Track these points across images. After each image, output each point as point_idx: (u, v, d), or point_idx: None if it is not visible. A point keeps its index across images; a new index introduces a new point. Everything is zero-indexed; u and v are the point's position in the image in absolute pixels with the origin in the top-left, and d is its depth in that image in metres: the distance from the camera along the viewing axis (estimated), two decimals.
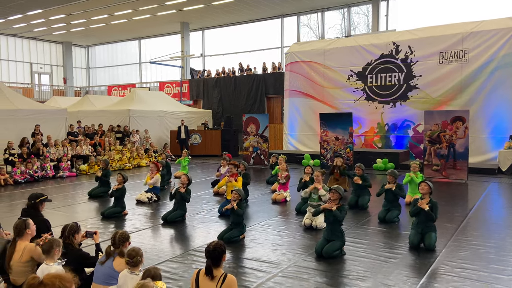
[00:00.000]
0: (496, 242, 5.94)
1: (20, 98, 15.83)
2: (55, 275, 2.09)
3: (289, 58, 17.87)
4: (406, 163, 12.88)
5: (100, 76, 32.33)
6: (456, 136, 11.57)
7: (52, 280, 2.05)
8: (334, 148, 13.68)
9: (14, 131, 13.76)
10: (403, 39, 15.29)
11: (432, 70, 14.64)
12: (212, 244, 3.52)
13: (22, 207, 5.69)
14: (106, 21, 23.89)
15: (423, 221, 5.75)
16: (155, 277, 3.32)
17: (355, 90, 16.26)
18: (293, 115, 17.76)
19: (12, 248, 4.18)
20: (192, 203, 8.74)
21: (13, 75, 27.86)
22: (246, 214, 7.75)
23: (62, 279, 2.07)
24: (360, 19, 21.31)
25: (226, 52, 24.94)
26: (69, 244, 4.25)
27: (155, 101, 20.27)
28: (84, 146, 14.91)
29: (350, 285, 4.57)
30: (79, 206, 8.87)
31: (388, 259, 5.34)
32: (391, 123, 15.63)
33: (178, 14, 22.54)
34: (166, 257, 5.52)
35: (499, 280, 4.64)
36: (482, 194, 9.61)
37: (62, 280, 2.07)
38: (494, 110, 13.62)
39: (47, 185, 11.66)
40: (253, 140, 15.46)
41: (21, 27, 25.28)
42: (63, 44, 30.28)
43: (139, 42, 29.38)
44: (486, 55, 13.67)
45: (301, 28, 22.65)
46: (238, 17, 23.02)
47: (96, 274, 3.97)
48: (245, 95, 21.27)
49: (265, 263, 5.26)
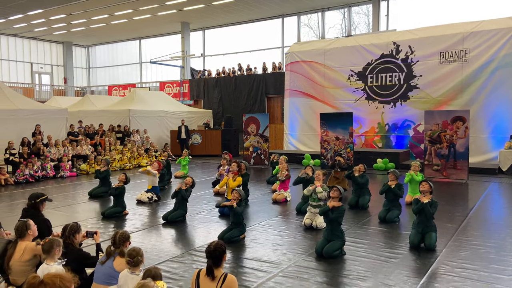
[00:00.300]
0: (496, 242, 5.93)
1: (21, 98, 15.84)
2: (56, 274, 2.10)
3: (289, 58, 17.87)
4: (407, 163, 12.89)
5: (100, 76, 32.35)
6: (456, 136, 11.57)
7: (53, 280, 2.06)
8: (335, 148, 13.68)
9: (14, 131, 13.76)
10: (403, 39, 15.28)
11: (432, 70, 14.63)
12: (212, 244, 3.52)
13: (23, 207, 5.69)
14: (107, 21, 23.90)
15: (423, 221, 5.76)
16: (156, 277, 3.33)
17: (355, 90, 16.26)
18: (293, 115, 17.76)
19: (13, 248, 4.18)
20: (192, 203, 8.75)
21: (13, 75, 27.88)
22: (247, 214, 7.76)
23: (62, 279, 2.07)
24: (361, 19, 21.31)
25: (227, 52, 24.96)
26: (69, 244, 4.25)
27: (155, 101, 20.28)
28: (85, 146, 14.92)
29: (350, 285, 4.57)
30: (80, 206, 8.87)
31: (389, 259, 5.34)
32: (391, 123, 15.63)
33: (178, 14, 22.55)
34: (166, 257, 5.52)
35: (499, 280, 4.63)
36: (482, 194, 9.60)
37: (63, 279, 2.07)
38: (494, 110, 13.61)
39: (47, 185, 11.67)
40: (253, 140, 15.47)
41: (22, 27, 25.30)
42: (64, 44, 30.30)
43: (139, 42, 29.39)
44: (486, 55, 13.66)
45: (301, 28, 22.65)
46: (238, 17, 23.02)
47: (96, 274, 3.97)
48: (246, 95, 21.27)
49: (266, 263, 5.26)
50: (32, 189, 10.69)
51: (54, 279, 2.06)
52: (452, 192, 9.87)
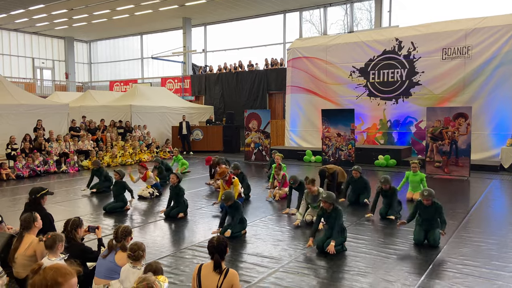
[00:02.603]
0: (497, 239, 5.93)
1: (22, 93, 15.85)
2: (51, 266, 1.97)
3: (291, 54, 17.82)
4: (408, 160, 12.87)
5: (102, 72, 32.33)
6: (458, 133, 11.54)
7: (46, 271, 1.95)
8: (336, 145, 13.68)
9: (16, 126, 13.78)
10: (406, 35, 15.22)
11: (435, 67, 14.58)
12: (214, 239, 3.53)
13: (24, 201, 5.71)
14: (108, 16, 23.85)
15: (427, 219, 5.72)
16: (157, 272, 3.34)
17: (357, 86, 16.22)
18: (295, 111, 17.74)
19: (19, 241, 4.21)
20: (193, 198, 8.77)
21: (15, 70, 27.86)
22: (246, 210, 7.77)
23: (57, 270, 1.95)
24: (363, 15, 21.21)
25: (228, 47, 24.90)
26: (71, 239, 4.26)
27: (157, 96, 20.27)
28: (86, 141, 14.93)
29: (351, 280, 4.57)
30: (81, 200, 8.89)
31: (390, 255, 5.34)
32: (393, 119, 15.60)
33: (180, 10, 22.48)
34: (167, 252, 5.53)
35: (500, 276, 4.63)
36: (484, 191, 9.59)
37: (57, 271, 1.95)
38: (497, 107, 13.57)
39: (49, 179, 11.69)
40: (254, 136, 15.47)
41: (23, 22, 25.25)
42: (65, 39, 30.26)
43: (141, 37, 29.34)
44: (489, 52, 13.60)
45: (303, 24, 22.57)
46: (240, 12, 22.94)
47: (98, 268, 3.98)
48: (247, 91, 21.25)
49: (267, 258, 5.27)
50: (34, 184, 10.71)
51: (48, 271, 1.96)
52: (454, 189, 9.86)
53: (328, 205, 5.46)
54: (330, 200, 5.44)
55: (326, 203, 5.47)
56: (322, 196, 5.54)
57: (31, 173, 12.10)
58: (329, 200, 5.45)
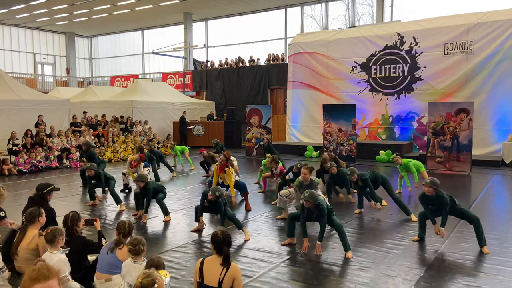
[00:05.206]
0: (498, 234, 5.93)
1: (24, 88, 15.84)
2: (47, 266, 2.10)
3: (292, 49, 17.76)
4: (410, 155, 12.86)
5: (103, 67, 32.30)
6: (460, 128, 11.51)
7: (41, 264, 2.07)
8: (337, 140, 13.66)
9: (17, 121, 13.79)
10: (407, 30, 15.15)
11: (437, 62, 14.53)
12: (218, 233, 3.53)
13: (27, 196, 5.71)
14: (109, 11, 23.80)
15: (436, 209, 5.43)
16: (159, 266, 3.35)
17: (359, 81, 16.17)
18: (296, 107, 17.71)
19: (22, 234, 4.24)
20: (194, 194, 8.78)
21: (16, 66, 27.87)
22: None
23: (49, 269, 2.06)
24: (365, 9, 21.11)
25: (229, 43, 24.83)
26: (72, 233, 4.28)
27: (158, 92, 20.26)
28: (88, 137, 14.94)
29: (352, 275, 4.58)
30: (81, 196, 8.92)
31: (391, 250, 5.35)
32: (395, 114, 15.56)
33: (181, 4, 22.42)
34: (169, 246, 5.55)
35: (501, 271, 4.64)
36: (485, 186, 9.59)
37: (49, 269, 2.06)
38: (498, 102, 13.52)
39: (51, 175, 11.72)
40: (256, 132, 15.46)
41: (24, 17, 25.22)
42: (66, 35, 30.22)
43: (142, 32, 29.28)
44: (491, 47, 13.54)
45: (305, 19, 22.47)
46: (241, 7, 22.86)
47: (99, 262, 3.99)
48: (248, 86, 21.21)
49: (268, 253, 5.28)
50: (36, 179, 10.74)
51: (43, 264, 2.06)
52: (455, 184, 9.85)
53: (311, 204, 5.10)
54: (313, 199, 5.07)
55: (308, 202, 5.09)
56: (304, 195, 5.13)
57: (32, 168, 12.13)
58: (311, 199, 5.06)
